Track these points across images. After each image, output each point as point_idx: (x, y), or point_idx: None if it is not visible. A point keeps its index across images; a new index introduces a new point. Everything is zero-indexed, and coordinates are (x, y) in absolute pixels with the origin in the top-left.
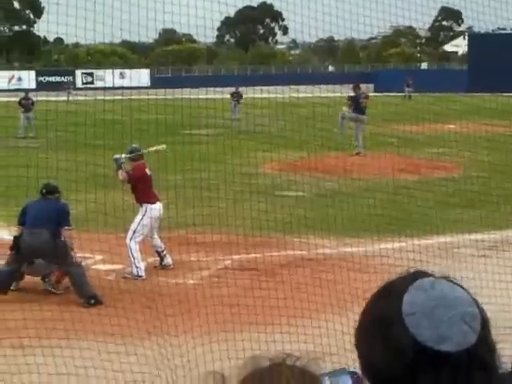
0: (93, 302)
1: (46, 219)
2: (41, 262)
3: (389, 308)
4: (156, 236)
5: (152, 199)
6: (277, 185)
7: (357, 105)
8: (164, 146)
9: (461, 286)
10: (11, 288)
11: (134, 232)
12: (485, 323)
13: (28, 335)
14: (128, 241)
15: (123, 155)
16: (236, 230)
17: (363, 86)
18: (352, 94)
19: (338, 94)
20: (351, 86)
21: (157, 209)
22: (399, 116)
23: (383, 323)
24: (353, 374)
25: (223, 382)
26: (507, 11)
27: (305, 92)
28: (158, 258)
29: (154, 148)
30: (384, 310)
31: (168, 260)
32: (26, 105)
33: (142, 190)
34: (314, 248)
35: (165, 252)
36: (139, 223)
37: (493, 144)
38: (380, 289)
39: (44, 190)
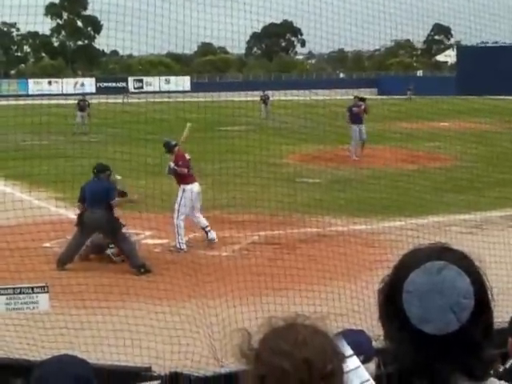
0: (142, 270)
1: (100, 198)
2: (95, 240)
3: (396, 280)
4: (198, 214)
5: (188, 180)
6: (297, 173)
7: (356, 115)
8: (189, 124)
9: (473, 275)
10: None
11: (178, 211)
12: (481, 313)
13: (89, 298)
14: (175, 220)
15: (172, 164)
16: (263, 211)
17: (368, 91)
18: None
19: (350, 97)
20: (355, 92)
21: (192, 189)
22: (401, 115)
23: (389, 291)
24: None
25: (249, 337)
26: (489, 27)
27: (321, 95)
28: (200, 234)
29: (184, 134)
30: (393, 281)
31: (213, 235)
32: (83, 105)
33: (181, 172)
34: (328, 226)
35: (209, 228)
36: (179, 203)
37: (479, 139)
38: (402, 257)
39: (96, 170)
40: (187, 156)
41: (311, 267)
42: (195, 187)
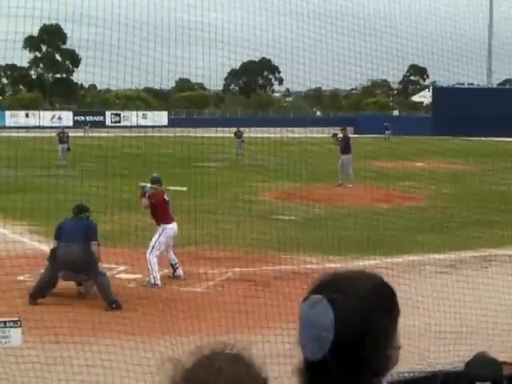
0: (114, 306)
1: (78, 235)
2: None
3: None
4: (171, 252)
5: (168, 220)
6: (273, 210)
7: (346, 145)
8: (185, 188)
9: (342, 311)
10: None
11: (153, 248)
12: (343, 348)
13: (62, 333)
14: (148, 255)
15: (148, 185)
16: (238, 248)
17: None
18: (340, 135)
19: (325, 135)
20: (338, 128)
21: (172, 228)
22: (377, 154)
23: None
24: None
25: (180, 367)
26: (464, 69)
27: (297, 133)
28: (171, 270)
29: (176, 188)
30: None
31: (180, 272)
32: (62, 137)
33: (161, 212)
34: (302, 263)
35: (178, 265)
36: (157, 240)
37: (454, 179)
38: None
39: (76, 210)
40: (166, 197)
41: (286, 304)
42: (175, 227)
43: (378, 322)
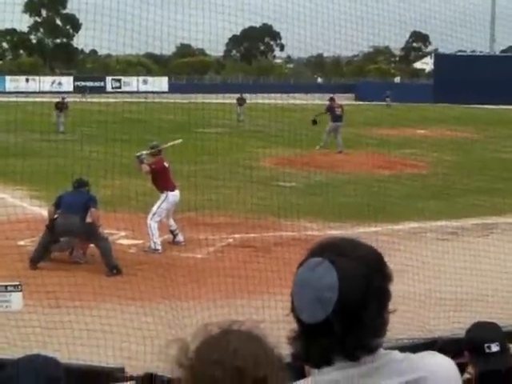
0: (115, 271)
1: (78, 207)
2: (65, 240)
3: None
4: (171, 218)
5: (171, 187)
6: (273, 176)
7: (333, 114)
8: (180, 140)
9: (345, 271)
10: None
11: (155, 214)
12: (346, 307)
13: (63, 297)
14: (149, 220)
15: (144, 152)
16: (238, 214)
17: (345, 96)
18: (327, 103)
19: (326, 102)
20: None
21: (176, 195)
22: (378, 121)
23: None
24: None
25: (186, 347)
26: (467, 36)
27: (299, 99)
28: (171, 236)
29: (171, 143)
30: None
31: (180, 238)
32: (61, 107)
33: (162, 179)
34: (303, 230)
35: (177, 231)
36: (159, 206)
37: (456, 146)
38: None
39: (76, 184)
40: (166, 164)
41: (286, 270)
42: (178, 194)
43: (379, 284)
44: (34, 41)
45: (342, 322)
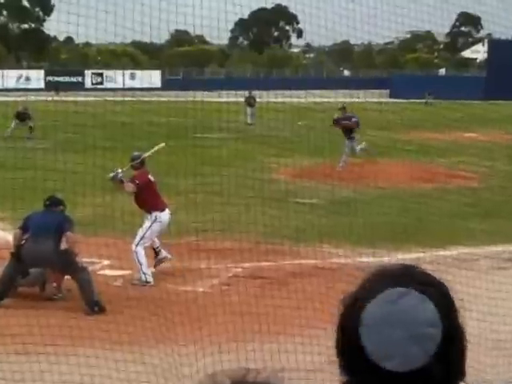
0: (96, 309)
1: (50, 229)
2: (35, 272)
3: (352, 311)
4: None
5: (161, 206)
6: (290, 191)
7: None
8: (163, 144)
9: (439, 300)
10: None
11: (142, 238)
12: (450, 344)
13: (33, 341)
14: (134, 246)
15: (119, 170)
16: (248, 237)
17: (378, 92)
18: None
19: (356, 99)
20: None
21: (166, 215)
22: (417, 122)
23: (344, 324)
24: None
25: None
26: None
27: (320, 96)
28: (169, 265)
29: (153, 149)
30: (348, 312)
31: (163, 254)
32: (23, 117)
33: (149, 197)
34: (327, 257)
35: (159, 247)
36: (148, 229)
37: None
38: (360, 284)
39: (48, 202)
40: (151, 178)
41: (307, 307)
42: (168, 213)
43: (459, 319)
44: None
45: (442, 365)
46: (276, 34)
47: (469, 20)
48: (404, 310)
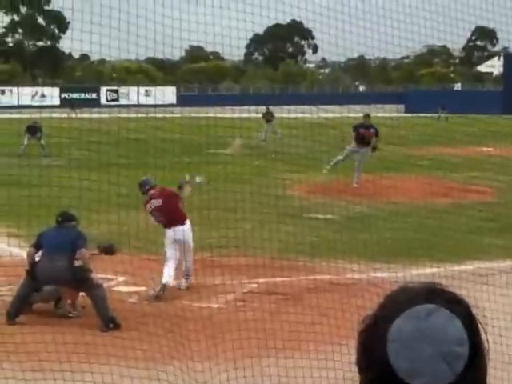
0: (111, 326)
1: (64, 246)
2: (49, 288)
3: (378, 327)
4: (189, 259)
5: (167, 224)
6: (305, 207)
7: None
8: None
9: (466, 319)
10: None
11: (165, 257)
12: (475, 361)
13: (49, 358)
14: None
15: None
16: (262, 253)
17: (395, 107)
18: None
19: (373, 114)
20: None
21: (171, 232)
22: (433, 138)
23: (369, 340)
24: None
25: None
26: None
27: (335, 112)
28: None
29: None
30: (373, 328)
31: (180, 282)
32: (33, 131)
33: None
34: (342, 273)
35: (189, 275)
36: (165, 248)
37: None
38: (384, 300)
39: (60, 218)
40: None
41: (322, 322)
42: (171, 231)
43: (481, 336)
44: (11, 44)
45: (467, 383)
46: (291, 49)
47: (484, 34)
48: (433, 327)
